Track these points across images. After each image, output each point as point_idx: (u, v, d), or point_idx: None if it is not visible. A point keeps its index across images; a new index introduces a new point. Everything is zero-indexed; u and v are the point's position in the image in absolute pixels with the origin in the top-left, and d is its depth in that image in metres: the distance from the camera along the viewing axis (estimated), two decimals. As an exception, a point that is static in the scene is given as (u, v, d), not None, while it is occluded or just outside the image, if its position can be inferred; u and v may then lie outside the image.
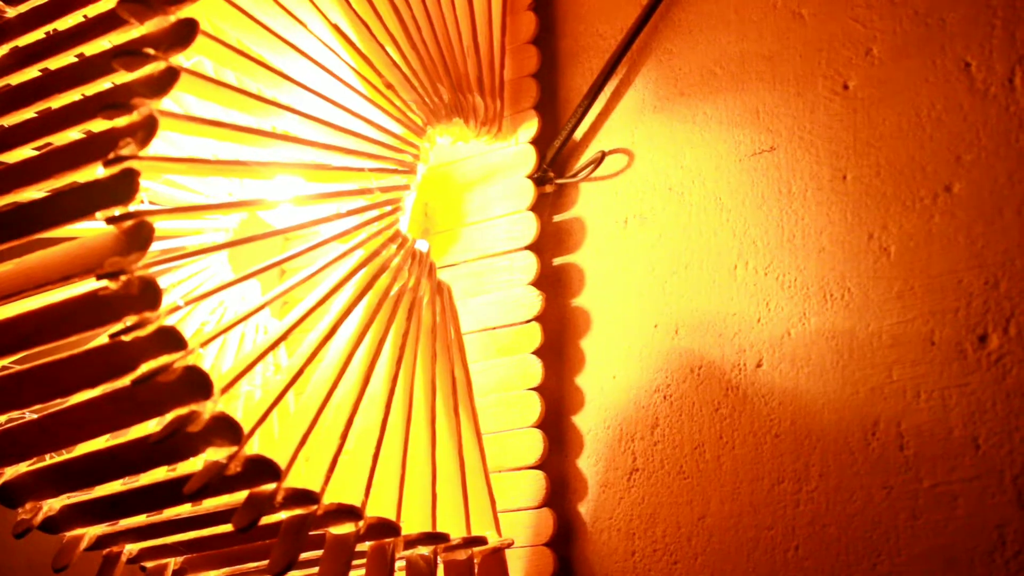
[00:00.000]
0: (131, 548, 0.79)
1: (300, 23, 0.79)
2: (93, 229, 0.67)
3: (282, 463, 0.68)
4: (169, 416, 0.64)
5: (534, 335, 0.94)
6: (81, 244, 0.66)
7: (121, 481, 0.70)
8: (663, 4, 0.95)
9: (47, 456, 0.71)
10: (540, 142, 0.99)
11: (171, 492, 0.69)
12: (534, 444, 0.91)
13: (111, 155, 0.64)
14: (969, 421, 0.75)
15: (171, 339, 0.63)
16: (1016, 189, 0.76)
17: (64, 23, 0.77)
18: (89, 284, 0.65)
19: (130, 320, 0.63)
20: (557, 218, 0.98)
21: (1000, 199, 0.76)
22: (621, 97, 0.96)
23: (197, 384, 0.64)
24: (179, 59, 0.67)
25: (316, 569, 0.74)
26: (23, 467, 0.71)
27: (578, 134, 0.98)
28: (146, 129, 0.65)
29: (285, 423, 0.74)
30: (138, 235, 0.63)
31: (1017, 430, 0.73)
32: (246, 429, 0.66)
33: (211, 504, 0.71)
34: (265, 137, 0.75)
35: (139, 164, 0.64)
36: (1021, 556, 0.71)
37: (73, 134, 0.69)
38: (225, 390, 0.66)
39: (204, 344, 0.66)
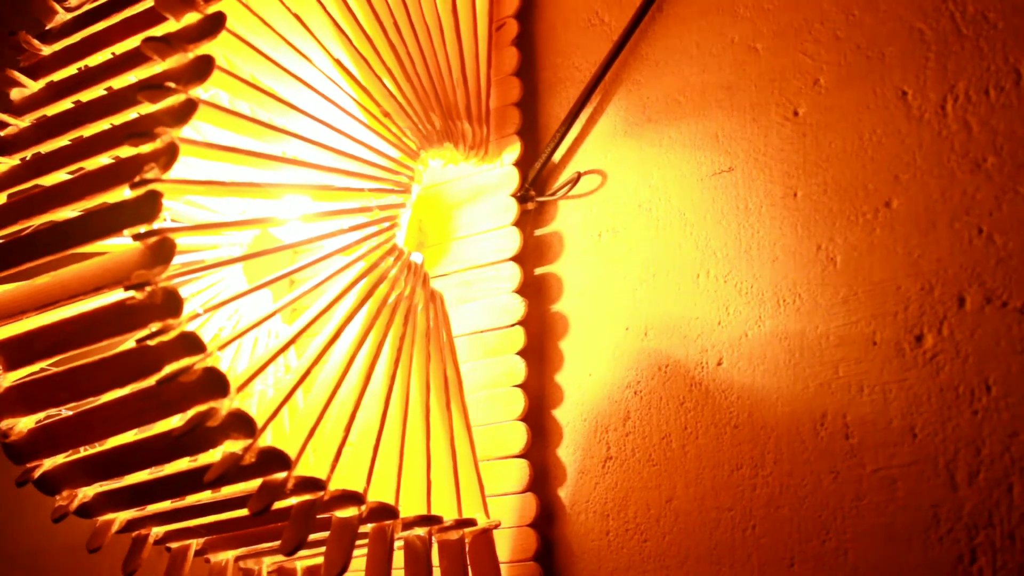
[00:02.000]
0: (157, 531, 0.79)
1: (306, 58, 0.79)
2: (121, 245, 0.67)
3: (292, 454, 0.68)
4: (190, 412, 0.65)
5: (518, 337, 0.94)
6: (110, 258, 0.66)
7: (148, 471, 0.71)
8: (632, 39, 0.95)
9: (81, 449, 0.71)
10: (522, 164, 0.99)
11: (193, 480, 0.69)
12: (518, 435, 0.92)
13: (137, 178, 0.65)
14: (907, 413, 0.75)
15: (192, 343, 0.64)
16: (948, 204, 0.76)
17: (94, 60, 0.77)
18: (118, 294, 0.65)
19: (155, 326, 0.64)
20: (538, 232, 0.98)
21: (934, 213, 0.77)
22: (595, 123, 0.97)
23: (215, 383, 0.64)
24: (197, 92, 0.67)
25: (323, 549, 0.74)
26: (60, 459, 0.72)
27: (557, 156, 0.99)
28: (168, 155, 0.65)
29: (295, 418, 0.74)
30: (161, 250, 0.63)
31: (950, 420, 0.73)
32: (259, 423, 0.66)
33: (229, 491, 0.72)
34: (275, 161, 0.75)
35: (162, 186, 0.64)
36: (953, 533, 0.72)
37: (103, 159, 0.70)
38: (240, 389, 0.66)
39: (221, 347, 0.66)
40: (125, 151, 0.67)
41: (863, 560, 0.75)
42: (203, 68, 0.68)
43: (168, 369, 0.63)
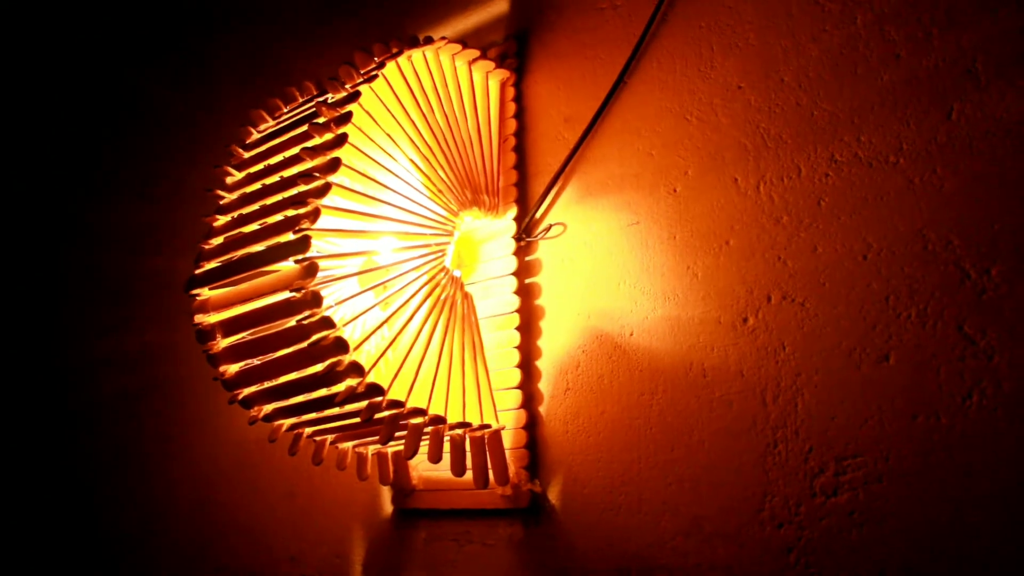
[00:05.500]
0: (308, 430, 0.80)
1: (393, 159, 0.81)
2: (287, 267, 0.69)
3: (385, 386, 0.70)
4: (327, 362, 0.66)
5: (515, 319, 0.94)
6: (281, 274, 0.68)
7: (303, 395, 0.72)
8: (580, 148, 0.95)
9: (265, 383, 0.72)
10: (518, 219, 0.99)
11: (329, 401, 0.71)
12: (516, 376, 0.92)
13: (296, 228, 0.66)
14: (738, 362, 0.76)
15: (328, 323, 0.65)
16: (760, 243, 0.77)
17: (273, 160, 0.79)
18: (285, 295, 0.67)
19: (307, 313, 0.65)
20: (527, 258, 0.98)
21: (752, 249, 0.77)
22: (560, 196, 0.97)
23: (341, 346, 0.66)
24: (331, 178, 0.69)
25: (403, 441, 0.76)
26: (253, 388, 0.73)
27: (538, 215, 0.98)
28: (314, 215, 0.67)
29: (387, 366, 0.75)
30: (310, 269, 0.65)
31: (762, 367, 0.74)
32: (366, 369, 0.68)
33: (349, 407, 0.73)
34: (375, 218, 0.76)
35: (311, 233, 0.66)
36: (764, 430, 0.73)
37: (277, 217, 0.71)
38: (355, 349, 0.68)
39: (344, 325, 0.68)
40: (290, 212, 0.69)
41: (712, 446, 0.76)
42: (334, 165, 0.69)
43: (314, 337, 0.65)
